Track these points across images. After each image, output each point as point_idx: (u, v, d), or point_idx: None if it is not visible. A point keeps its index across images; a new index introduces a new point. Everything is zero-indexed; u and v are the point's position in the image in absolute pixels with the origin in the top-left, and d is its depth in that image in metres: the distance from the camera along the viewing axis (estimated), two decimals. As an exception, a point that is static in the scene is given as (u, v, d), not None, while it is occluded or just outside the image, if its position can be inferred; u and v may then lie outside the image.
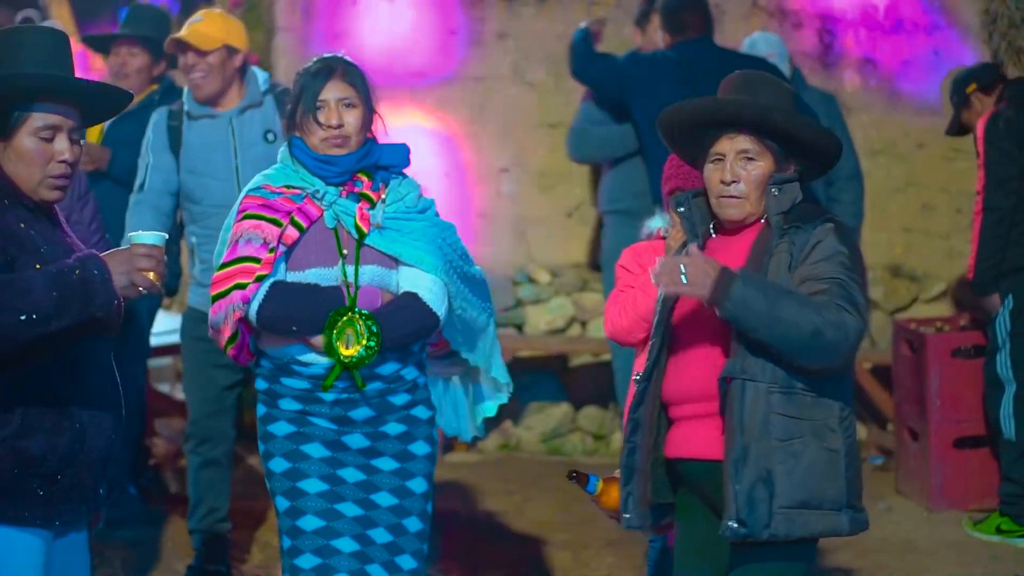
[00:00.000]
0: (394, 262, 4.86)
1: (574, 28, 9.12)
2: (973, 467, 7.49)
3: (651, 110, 7.54)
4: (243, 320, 4.76)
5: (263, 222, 4.75)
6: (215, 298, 4.76)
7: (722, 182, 4.37)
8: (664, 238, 5.20)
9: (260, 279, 4.70)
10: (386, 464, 4.90)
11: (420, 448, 4.97)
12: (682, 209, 4.49)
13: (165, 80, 7.46)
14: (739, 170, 4.34)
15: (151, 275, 3.87)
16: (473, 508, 7.62)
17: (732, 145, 4.36)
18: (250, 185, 4.88)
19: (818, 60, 9.36)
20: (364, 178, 4.88)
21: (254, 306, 4.71)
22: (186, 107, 6.43)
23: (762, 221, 4.41)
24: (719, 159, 4.38)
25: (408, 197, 4.93)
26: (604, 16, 8.57)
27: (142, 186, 6.43)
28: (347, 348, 4.72)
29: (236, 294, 4.70)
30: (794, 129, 4.33)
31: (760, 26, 9.13)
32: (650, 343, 4.49)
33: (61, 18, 14.40)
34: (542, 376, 9.00)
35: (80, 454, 3.92)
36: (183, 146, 6.40)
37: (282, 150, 4.93)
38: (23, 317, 3.71)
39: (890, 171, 9.23)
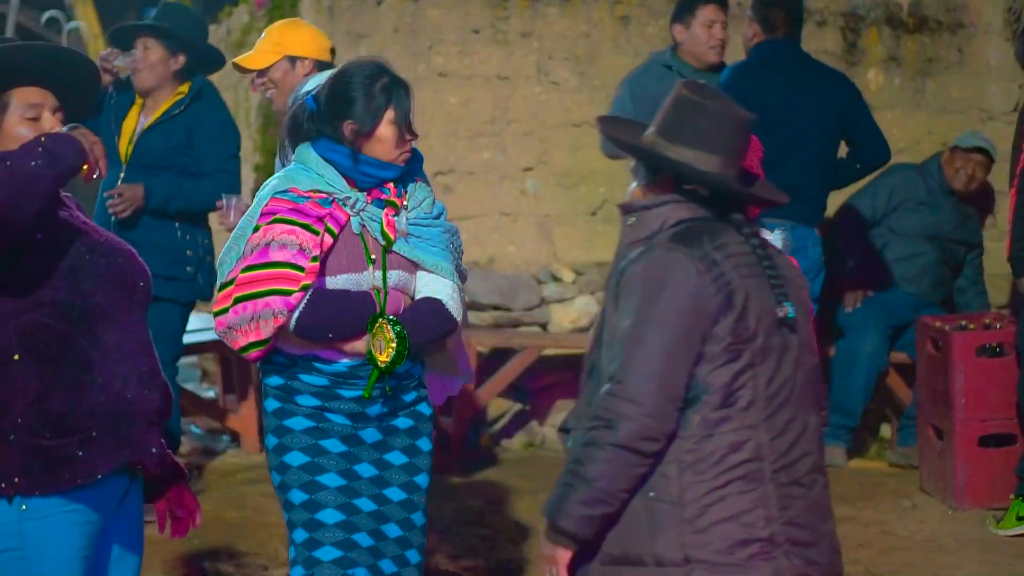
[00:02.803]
0: (414, 267, 4.92)
1: (598, 27, 9.14)
2: (998, 466, 7.48)
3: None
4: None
5: (296, 227, 4.73)
6: (243, 298, 4.73)
7: None
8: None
9: (305, 288, 4.71)
10: (396, 458, 4.94)
11: (425, 444, 5.01)
12: None
13: (196, 81, 7.44)
14: None
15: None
16: (498, 507, 7.63)
17: None
18: (275, 187, 4.85)
19: (842, 58, 9.37)
20: (389, 185, 4.92)
21: (293, 314, 4.72)
22: None
23: None
24: None
25: (425, 203, 4.98)
26: None
27: None
28: (380, 354, 4.78)
29: (276, 300, 4.69)
30: None
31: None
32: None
33: (86, 18, 14.46)
34: (567, 375, 9.01)
35: (107, 407, 3.95)
36: None
37: (305, 151, 4.90)
38: (35, 162, 3.79)
39: (914, 169, 9.23)
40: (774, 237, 5.30)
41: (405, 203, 4.92)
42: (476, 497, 7.74)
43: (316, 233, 4.74)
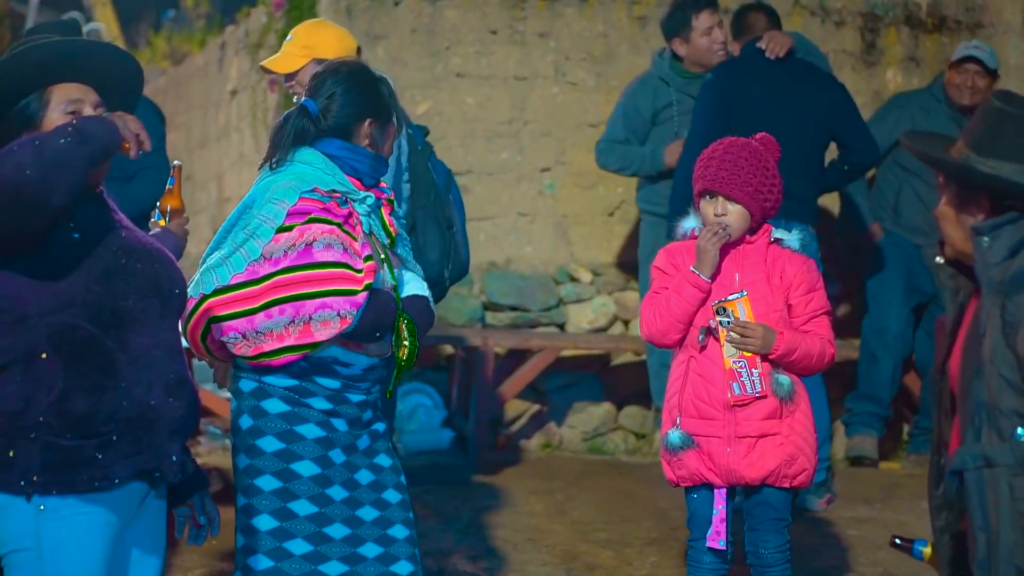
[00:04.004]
0: (400, 265, 4.93)
1: (615, 27, 9.14)
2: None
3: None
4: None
5: (335, 228, 4.67)
6: (282, 300, 4.61)
7: None
8: (697, 238, 5.23)
9: (368, 288, 4.64)
10: (384, 461, 4.91)
11: (393, 446, 5.02)
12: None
13: None
14: None
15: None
16: (515, 507, 7.63)
17: None
18: (292, 185, 4.74)
19: (860, 58, 9.35)
20: (384, 184, 4.93)
21: (357, 315, 4.66)
22: None
23: None
24: None
25: (395, 203, 5.00)
26: None
27: None
28: (398, 350, 4.78)
29: (338, 301, 4.60)
30: None
31: (802, 25, 9.11)
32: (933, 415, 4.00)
33: (105, 20, 14.52)
34: (584, 375, 9.01)
35: (129, 412, 3.93)
36: None
37: (307, 153, 4.82)
38: (64, 140, 3.76)
39: (933, 169, 9.20)
40: (791, 238, 5.31)
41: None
42: (494, 498, 7.73)
43: (354, 237, 4.69)
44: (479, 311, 8.95)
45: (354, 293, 4.62)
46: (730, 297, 5.14)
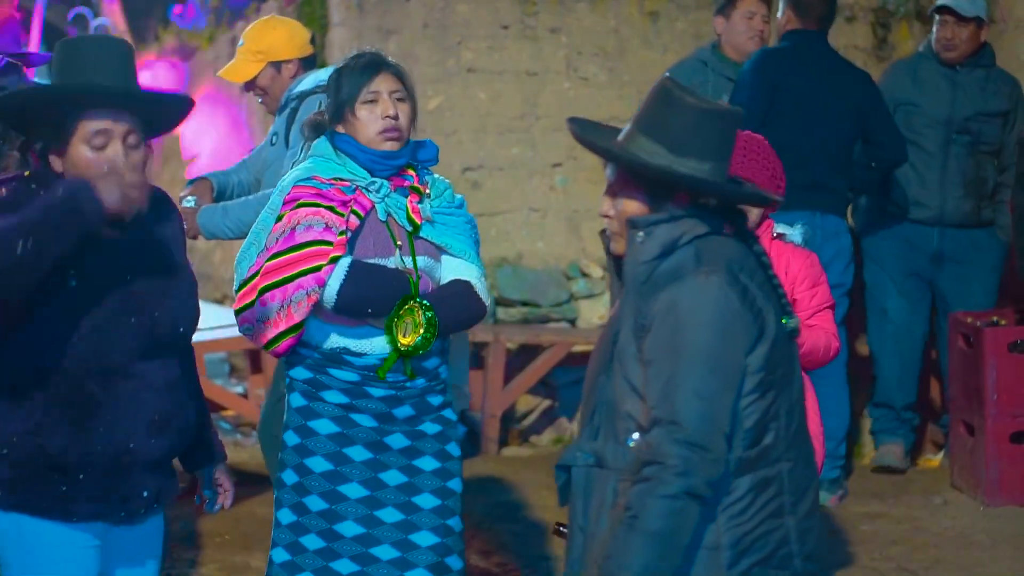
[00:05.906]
0: (439, 254, 4.91)
1: (627, 23, 9.13)
2: (1031, 462, 7.45)
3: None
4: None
5: (321, 209, 4.72)
6: (270, 287, 4.68)
7: None
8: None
9: (335, 260, 4.67)
10: (427, 464, 4.88)
11: (454, 449, 4.96)
12: None
13: None
14: None
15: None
16: (527, 502, 7.63)
17: None
18: (296, 175, 4.83)
19: (872, 54, 9.34)
20: (412, 172, 4.92)
21: (334, 286, 4.68)
22: None
23: None
24: None
25: (447, 193, 4.99)
26: None
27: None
28: (404, 336, 4.75)
29: (307, 279, 4.66)
30: None
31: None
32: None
33: (112, 15, 14.47)
34: (595, 370, 8.99)
35: (103, 457, 3.90)
36: None
37: (320, 144, 4.89)
38: (46, 215, 3.68)
39: (945, 165, 9.17)
40: (794, 232, 5.28)
41: (428, 191, 4.92)
42: (505, 492, 7.73)
43: (342, 215, 4.72)
44: (490, 306, 8.93)
45: (319, 269, 4.65)
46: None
